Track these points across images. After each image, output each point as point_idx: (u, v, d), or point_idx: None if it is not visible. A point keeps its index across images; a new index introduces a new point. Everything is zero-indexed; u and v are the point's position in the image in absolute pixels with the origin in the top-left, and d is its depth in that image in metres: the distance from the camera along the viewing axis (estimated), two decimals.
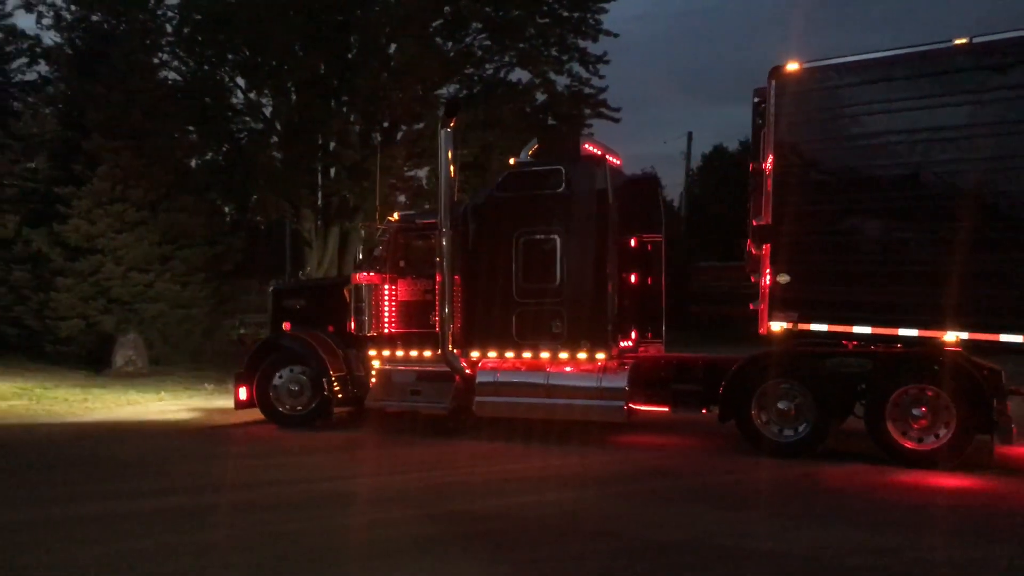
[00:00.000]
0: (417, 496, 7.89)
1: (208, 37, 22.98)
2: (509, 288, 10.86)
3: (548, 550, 6.22)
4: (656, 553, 6.13)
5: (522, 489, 8.27)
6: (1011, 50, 8.18)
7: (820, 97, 9.36)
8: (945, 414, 8.86)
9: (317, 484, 8.41)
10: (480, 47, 23.62)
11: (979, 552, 6.21)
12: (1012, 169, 8.19)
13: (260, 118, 23.97)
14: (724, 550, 6.18)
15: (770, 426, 9.70)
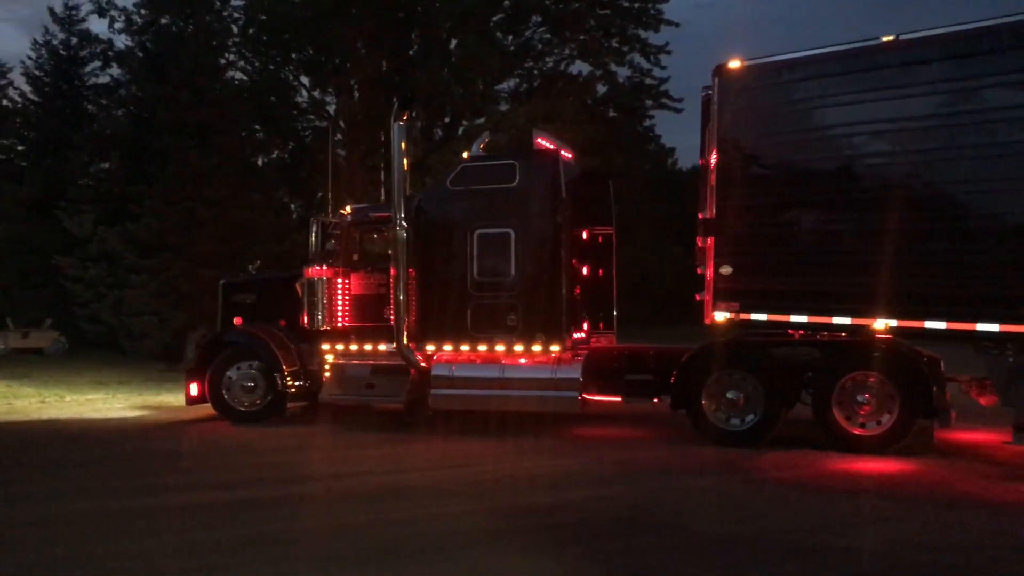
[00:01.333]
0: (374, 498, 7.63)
1: (273, 37, 23.09)
2: (464, 281, 10.78)
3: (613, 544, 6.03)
4: (721, 547, 5.95)
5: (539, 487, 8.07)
6: (936, 46, 8.45)
7: (760, 93, 9.58)
8: (889, 401, 9.03)
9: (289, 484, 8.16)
10: (540, 40, 23.49)
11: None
12: (937, 162, 8.45)
13: (324, 115, 24.00)
14: (792, 545, 5.96)
15: (720, 415, 9.76)
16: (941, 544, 5.95)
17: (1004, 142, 7.90)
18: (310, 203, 26.07)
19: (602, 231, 11.51)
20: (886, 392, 9.01)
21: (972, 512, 6.78)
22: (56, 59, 26.95)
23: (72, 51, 27.08)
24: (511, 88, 23.72)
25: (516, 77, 23.87)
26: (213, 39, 23.35)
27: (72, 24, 26.98)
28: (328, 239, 11.49)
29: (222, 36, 23.88)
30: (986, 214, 8.27)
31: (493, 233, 10.73)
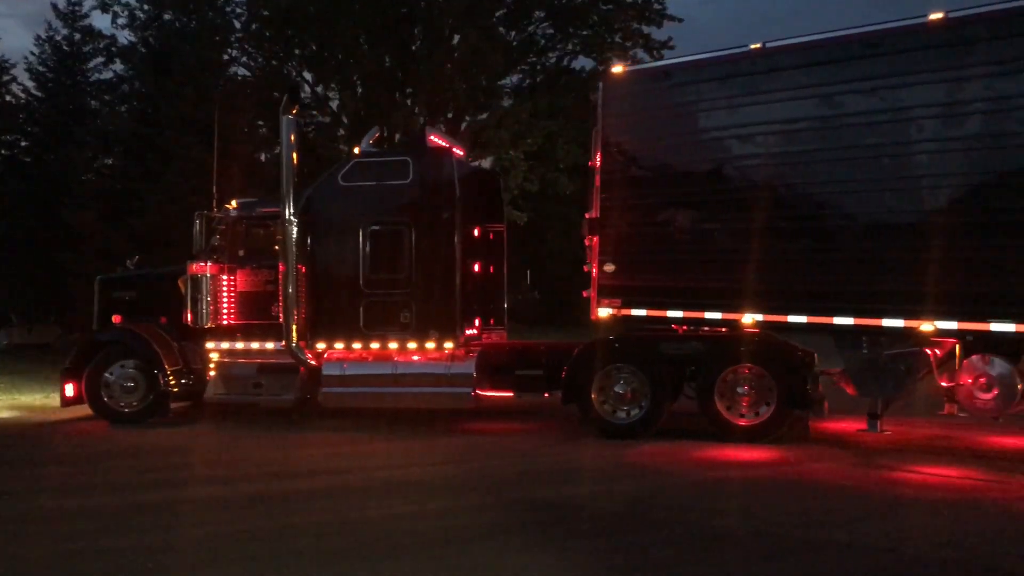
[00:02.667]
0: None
1: (276, 32, 22.61)
2: (356, 278, 10.62)
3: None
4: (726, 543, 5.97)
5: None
6: (797, 54, 8.83)
7: (640, 98, 9.89)
8: (767, 392, 9.30)
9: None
10: (543, 35, 23.30)
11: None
12: (799, 165, 8.79)
13: (327, 111, 23.66)
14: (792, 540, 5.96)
15: (608, 408, 9.86)
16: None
17: (858, 146, 8.31)
18: None
19: (493, 228, 11.38)
20: (764, 384, 9.31)
21: (817, 491, 7.22)
22: (59, 54, 26.46)
23: (75, 47, 26.61)
24: (514, 84, 23.74)
25: (519, 73, 23.88)
26: (216, 35, 22.98)
27: (75, 20, 26.47)
28: (213, 234, 10.71)
29: (225, 32, 23.50)
30: (842, 214, 8.69)
31: (386, 230, 10.56)
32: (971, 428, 9.20)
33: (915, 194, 8.01)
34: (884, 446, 8.79)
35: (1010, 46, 7.35)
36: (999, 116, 7.49)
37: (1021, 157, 7.43)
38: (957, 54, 7.63)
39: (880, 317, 8.07)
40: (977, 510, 6.55)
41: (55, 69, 26.44)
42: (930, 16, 7.67)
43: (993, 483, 7.31)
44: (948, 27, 7.63)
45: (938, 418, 8.77)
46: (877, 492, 7.14)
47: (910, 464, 7.99)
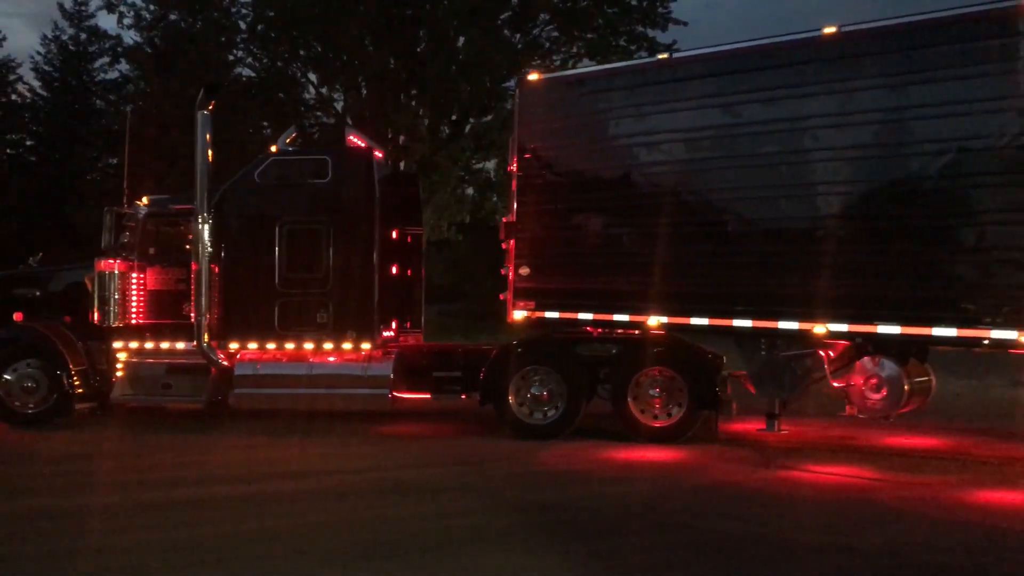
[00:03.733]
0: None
1: (281, 33, 22.64)
2: (271, 278, 10.54)
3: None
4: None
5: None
6: (700, 64, 9.19)
7: (554, 105, 10.12)
8: (679, 394, 9.57)
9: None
10: (548, 38, 23.34)
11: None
12: (701, 171, 9.14)
13: (332, 112, 23.58)
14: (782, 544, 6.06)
15: (525, 409, 10.02)
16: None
17: (756, 154, 8.67)
18: None
19: (411, 231, 11.43)
20: (676, 386, 9.60)
21: (717, 489, 7.54)
22: (65, 54, 26.90)
23: (81, 46, 27.04)
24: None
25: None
26: (221, 35, 23.04)
27: (81, 19, 26.99)
28: (123, 231, 10.52)
29: (230, 32, 23.51)
30: (741, 220, 9.06)
31: (303, 229, 10.53)
32: (869, 428, 9.62)
33: (808, 201, 8.40)
34: (784, 446, 9.14)
35: (897, 60, 7.78)
36: (886, 127, 7.90)
37: (905, 167, 7.87)
38: (849, 67, 8.02)
39: (776, 320, 8.42)
40: (868, 506, 6.87)
41: (61, 69, 26.71)
42: (824, 29, 8.09)
43: (882, 482, 7.68)
44: (840, 40, 8.05)
45: (839, 419, 9.15)
46: (773, 490, 7.42)
47: (805, 463, 8.33)
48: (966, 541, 5.93)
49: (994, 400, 12.14)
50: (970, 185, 7.47)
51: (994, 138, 7.27)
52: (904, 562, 5.59)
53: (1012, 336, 7.20)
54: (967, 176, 7.47)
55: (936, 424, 10.08)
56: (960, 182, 7.52)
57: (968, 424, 10.44)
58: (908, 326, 7.69)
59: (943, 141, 7.50)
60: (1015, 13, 7.15)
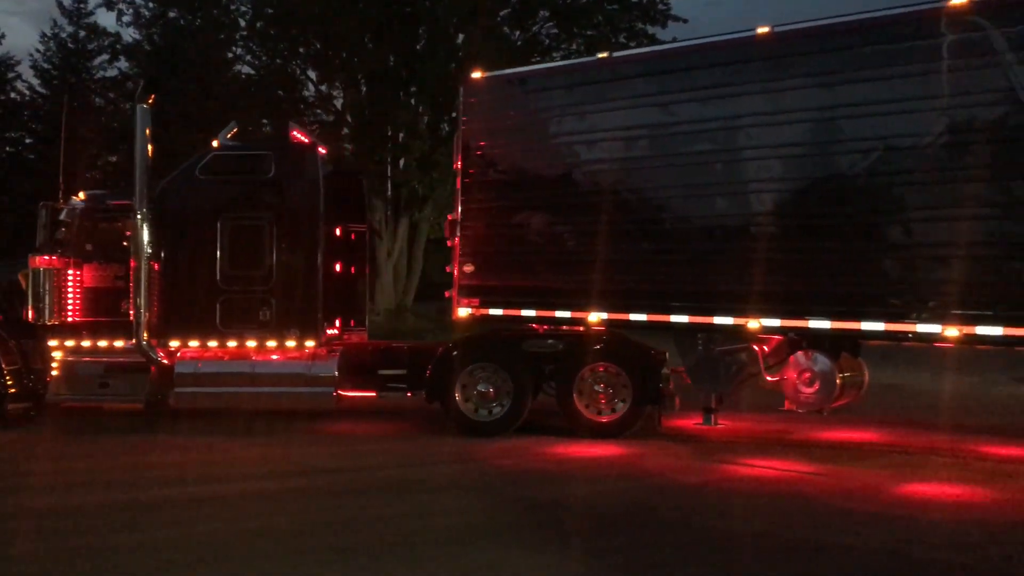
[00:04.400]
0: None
1: (280, 31, 22.77)
2: (212, 275, 10.47)
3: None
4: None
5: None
6: (638, 63, 9.48)
7: (497, 104, 10.26)
8: (623, 390, 9.71)
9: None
10: (547, 35, 23.62)
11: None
12: (640, 169, 9.30)
13: (331, 110, 23.83)
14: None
15: (471, 406, 10.09)
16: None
17: (693, 152, 8.88)
18: None
19: (356, 228, 11.42)
20: (620, 382, 9.75)
21: (656, 482, 7.73)
22: (64, 52, 27.21)
23: (80, 44, 27.36)
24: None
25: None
26: (220, 33, 23.25)
27: (80, 17, 27.35)
28: (59, 227, 10.36)
29: (229, 30, 23.70)
30: (678, 217, 9.27)
31: (246, 225, 10.46)
32: (807, 422, 9.85)
33: (741, 199, 8.62)
34: (725, 440, 9.37)
35: (827, 60, 7.99)
36: (816, 126, 8.13)
37: (834, 165, 8.10)
38: (781, 66, 8.24)
39: (712, 315, 8.64)
40: (798, 499, 7.08)
41: (60, 66, 27.06)
42: (757, 29, 8.29)
43: (814, 475, 7.88)
44: (773, 40, 8.28)
45: (779, 413, 9.32)
46: (712, 484, 7.65)
47: (743, 457, 8.55)
48: (891, 531, 6.13)
49: (928, 392, 12.53)
50: (896, 183, 7.72)
51: (919, 137, 7.54)
52: (827, 552, 5.78)
53: (936, 330, 7.46)
54: (893, 174, 7.72)
55: (872, 417, 10.31)
56: (887, 180, 7.77)
57: (904, 417, 10.70)
58: (838, 321, 7.93)
59: (870, 140, 7.75)
60: (938, 15, 7.43)
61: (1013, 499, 6.95)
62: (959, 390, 12.49)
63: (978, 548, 5.79)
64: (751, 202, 8.51)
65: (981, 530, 6.15)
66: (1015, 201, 7.22)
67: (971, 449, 8.75)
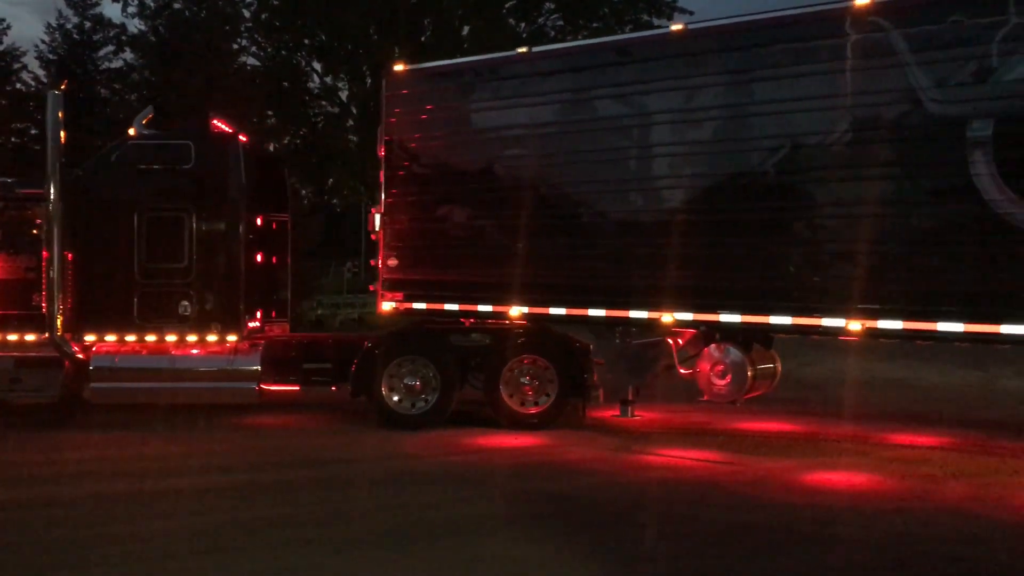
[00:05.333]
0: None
1: (285, 22, 23.01)
2: (130, 267, 10.35)
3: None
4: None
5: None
6: (557, 59, 9.54)
7: (419, 97, 10.29)
8: (549, 383, 9.89)
9: None
10: (553, 27, 23.74)
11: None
12: (558, 165, 9.41)
13: (336, 102, 24.05)
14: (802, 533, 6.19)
15: (398, 399, 10.15)
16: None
17: (609, 148, 9.06)
18: (321, 189, 26.49)
19: (277, 218, 11.33)
20: (546, 375, 9.93)
21: (574, 473, 7.90)
22: (69, 43, 27.18)
23: (85, 35, 27.19)
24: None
25: None
26: (225, 24, 23.45)
27: (85, 8, 27.22)
28: None
29: (234, 21, 23.95)
30: (595, 212, 9.44)
31: (165, 216, 10.35)
32: (726, 413, 10.13)
33: (655, 195, 8.82)
34: (644, 431, 9.58)
35: (737, 58, 8.22)
36: (727, 123, 8.35)
37: (744, 162, 8.31)
38: (694, 64, 8.44)
39: (628, 309, 8.82)
40: (712, 488, 7.35)
41: (65, 57, 26.86)
42: (672, 27, 8.47)
43: (726, 464, 8.17)
44: (687, 38, 8.46)
45: (699, 404, 9.56)
46: (622, 472, 7.86)
47: (659, 448, 8.77)
48: (794, 514, 6.44)
49: (850, 384, 12.96)
50: (803, 180, 7.99)
51: (824, 135, 7.80)
52: (734, 541, 6.03)
53: (841, 324, 7.76)
54: (801, 172, 7.99)
55: (789, 409, 10.62)
56: (794, 177, 8.02)
57: (823, 407, 11.02)
58: (748, 315, 8.19)
59: (779, 138, 7.99)
60: (842, 15, 7.67)
61: (913, 487, 7.28)
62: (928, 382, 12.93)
63: (868, 528, 6.13)
64: (664, 198, 8.71)
65: (871, 512, 6.49)
66: (913, 198, 7.55)
67: (883, 439, 9.09)
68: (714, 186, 8.43)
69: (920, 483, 7.37)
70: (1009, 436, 9.24)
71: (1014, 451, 8.51)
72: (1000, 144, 7.07)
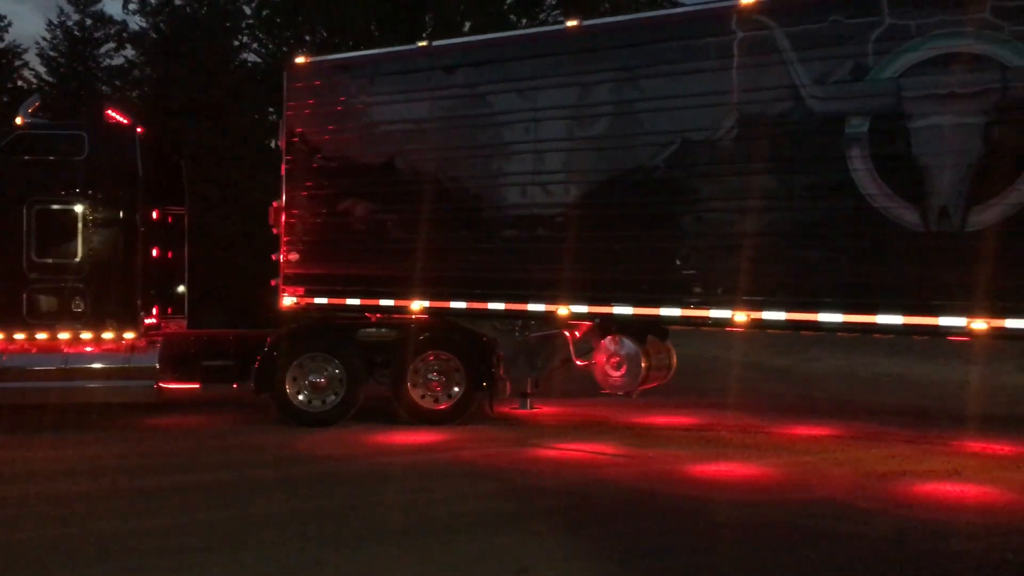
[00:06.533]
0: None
1: (286, 19, 23.43)
2: (18, 263, 10.04)
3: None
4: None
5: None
6: (457, 53, 9.57)
7: (320, 90, 10.28)
8: (457, 376, 9.97)
9: None
10: (555, 23, 23.71)
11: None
12: (457, 159, 9.51)
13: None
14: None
15: (303, 396, 10.12)
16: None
17: (506, 142, 9.20)
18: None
19: (173, 211, 11.13)
20: (453, 368, 9.99)
21: (473, 470, 7.95)
22: (70, 40, 27.26)
23: (86, 32, 27.41)
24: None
25: None
26: (227, 21, 23.65)
27: (86, 5, 27.32)
28: None
29: (235, 18, 24.07)
30: (493, 206, 9.54)
31: (56, 209, 10.10)
32: (628, 406, 10.36)
33: (552, 189, 8.94)
34: (546, 424, 9.77)
35: (628, 55, 8.40)
36: (619, 119, 8.53)
37: (635, 157, 8.49)
38: (588, 60, 8.60)
39: (526, 302, 8.97)
40: (598, 480, 7.50)
41: (66, 55, 26.92)
42: (567, 23, 8.63)
43: (622, 457, 8.33)
44: (581, 34, 8.63)
45: (601, 397, 9.73)
46: (516, 467, 7.94)
47: (555, 441, 8.90)
48: (680, 504, 6.67)
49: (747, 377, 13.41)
50: (691, 175, 8.22)
51: (712, 131, 8.05)
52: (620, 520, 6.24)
53: (727, 315, 8.02)
54: (689, 167, 8.21)
55: (690, 401, 10.97)
56: (682, 172, 8.25)
57: (720, 400, 11.30)
58: (639, 307, 8.40)
59: (669, 133, 8.20)
60: (729, 13, 7.93)
61: (792, 474, 7.58)
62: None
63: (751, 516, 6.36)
64: (559, 192, 8.85)
65: (759, 502, 6.75)
66: (796, 192, 7.85)
67: (778, 430, 9.41)
68: (607, 180, 8.60)
69: (801, 471, 7.64)
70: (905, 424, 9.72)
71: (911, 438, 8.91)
72: (875, 140, 7.42)
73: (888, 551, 5.62)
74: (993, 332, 7.14)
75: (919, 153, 7.31)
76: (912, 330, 7.48)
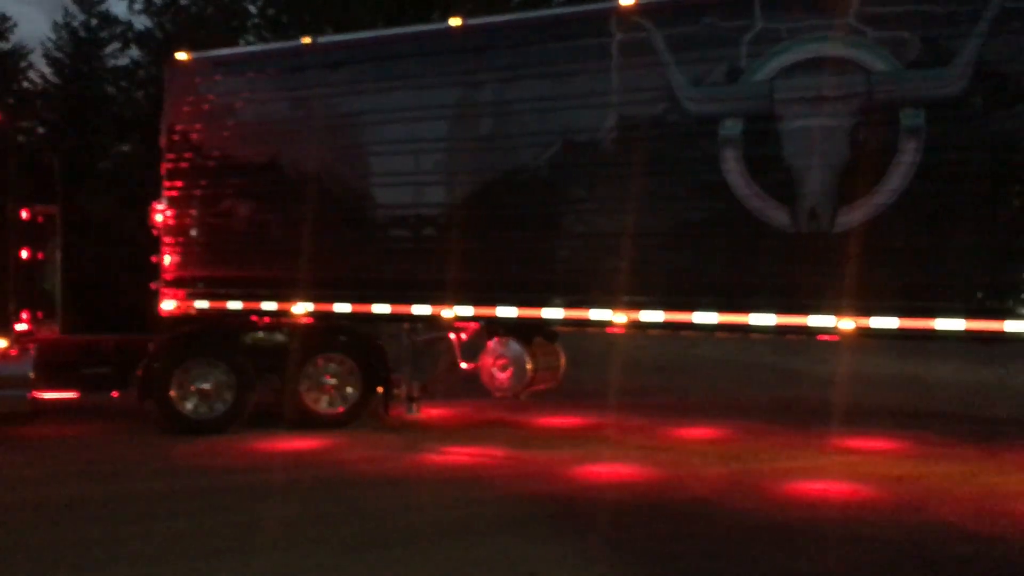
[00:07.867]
0: None
1: (292, 18, 23.47)
2: None
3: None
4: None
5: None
6: (341, 51, 9.49)
7: (201, 87, 10.11)
8: (351, 379, 9.89)
9: None
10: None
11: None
12: (341, 159, 9.48)
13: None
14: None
15: (190, 404, 9.87)
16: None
17: (389, 142, 9.13)
18: None
19: (43, 210, 10.71)
20: (347, 371, 9.90)
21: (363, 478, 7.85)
22: (76, 41, 27.66)
23: (92, 32, 27.84)
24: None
25: None
26: (232, 20, 24.03)
27: (92, 5, 27.80)
28: None
29: (241, 17, 24.44)
30: (378, 207, 9.52)
31: None
32: (522, 408, 10.37)
33: (434, 189, 8.97)
34: (433, 427, 9.73)
35: (511, 55, 8.47)
36: (501, 119, 8.60)
37: (517, 158, 8.58)
38: (471, 59, 8.63)
39: (411, 304, 8.94)
40: (480, 483, 7.52)
41: (72, 55, 26.97)
42: (451, 21, 8.65)
43: (505, 460, 8.35)
44: (464, 33, 8.66)
45: (490, 400, 9.62)
46: (400, 471, 7.92)
47: (442, 444, 8.90)
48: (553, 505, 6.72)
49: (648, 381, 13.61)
50: (572, 176, 8.33)
51: (592, 132, 8.17)
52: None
53: (608, 316, 8.15)
54: (570, 168, 8.33)
55: (582, 403, 10.92)
56: (563, 173, 8.36)
57: (610, 402, 11.14)
58: (523, 308, 8.45)
59: (550, 134, 8.29)
60: (608, 15, 8.05)
61: (672, 475, 7.72)
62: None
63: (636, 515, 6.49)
64: (442, 192, 8.87)
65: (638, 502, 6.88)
66: (672, 193, 8.02)
67: (671, 431, 9.55)
68: (489, 181, 8.63)
69: (678, 472, 7.78)
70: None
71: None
72: (748, 142, 7.64)
73: (762, 537, 5.85)
74: (860, 331, 7.43)
75: (790, 155, 7.55)
76: (785, 330, 7.71)
